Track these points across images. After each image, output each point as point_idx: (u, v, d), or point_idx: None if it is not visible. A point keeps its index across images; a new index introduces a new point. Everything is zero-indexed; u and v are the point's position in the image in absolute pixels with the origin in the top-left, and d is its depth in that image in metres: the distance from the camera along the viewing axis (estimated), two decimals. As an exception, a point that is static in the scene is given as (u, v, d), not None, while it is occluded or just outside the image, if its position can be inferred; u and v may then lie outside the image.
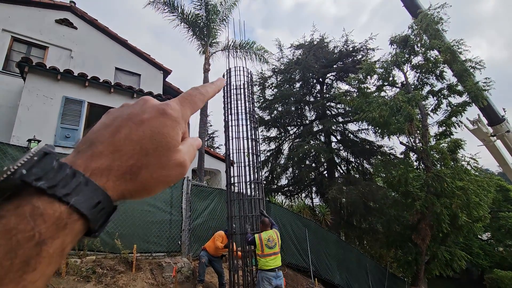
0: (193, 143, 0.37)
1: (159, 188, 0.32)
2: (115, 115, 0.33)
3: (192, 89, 0.39)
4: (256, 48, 12.54)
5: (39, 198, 0.25)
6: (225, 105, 6.05)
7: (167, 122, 0.32)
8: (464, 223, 11.05)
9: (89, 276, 4.68)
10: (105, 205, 0.28)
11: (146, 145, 0.30)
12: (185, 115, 0.35)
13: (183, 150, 0.34)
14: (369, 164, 18.10)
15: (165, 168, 0.31)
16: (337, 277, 10.59)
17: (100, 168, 0.28)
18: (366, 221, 16.28)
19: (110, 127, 0.31)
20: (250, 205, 5.57)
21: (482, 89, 11.30)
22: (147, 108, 0.33)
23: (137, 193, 0.31)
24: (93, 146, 0.30)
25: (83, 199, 0.26)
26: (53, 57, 9.86)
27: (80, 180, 0.27)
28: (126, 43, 11.68)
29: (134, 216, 6.03)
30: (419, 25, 12.67)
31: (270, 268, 4.55)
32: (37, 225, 0.23)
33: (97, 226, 0.28)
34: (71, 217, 0.26)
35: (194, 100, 0.37)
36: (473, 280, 24.29)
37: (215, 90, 0.42)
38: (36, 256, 0.23)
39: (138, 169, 0.30)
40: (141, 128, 0.31)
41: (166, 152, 0.31)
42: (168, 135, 0.32)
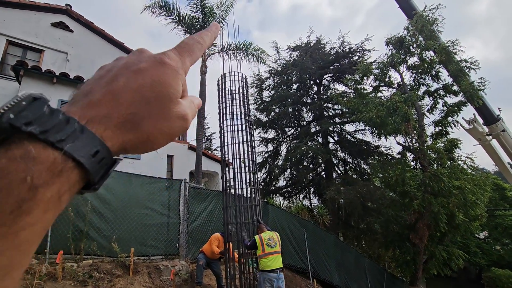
0: (193, 100, 0.35)
1: (163, 140, 0.31)
2: (109, 66, 0.31)
3: (188, 38, 0.37)
4: (253, 49, 12.58)
5: (31, 143, 0.23)
6: (220, 110, 6.04)
7: (167, 71, 0.31)
8: (461, 222, 11.12)
9: (86, 280, 4.65)
10: (104, 155, 0.26)
11: (146, 94, 0.29)
12: (184, 65, 0.33)
13: (185, 104, 0.32)
14: (366, 164, 18.16)
15: (168, 120, 0.30)
16: (335, 278, 10.59)
17: (98, 116, 0.27)
18: (364, 221, 16.31)
19: (106, 77, 0.30)
20: (246, 211, 5.54)
21: (478, 89, 11.41)
22: (143, 58, 0.31)
23: (140, 145, 0.29)
24: (88, 95, 0.28)
25: (79, 146, 0.24)
26: (49, 60, 9.81)
27: (75, 127, 0.25)
28: (122, 46, 11.66)
29: (131, 219, 6.00)
30: (415, 26, 12.78)
31: (271, 269, 4.53)
32: (29, 167, 0.22)
33: (96, 178, 0.26)
34: (67, 164, 0.24)
35: (192, 49, 0.35)
36: (471, 279, 24.39)
37: (212, 38, 0.40)
38: (30, 199, 0.22)
39: (139, 119, 0.28)
40: (140, 76, 0.29)
41: (167, 102, 0.30)
42: (169, 84, 0.30)
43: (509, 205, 22.51)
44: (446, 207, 10.79)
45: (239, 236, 5.33)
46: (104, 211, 5.70)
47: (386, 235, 13.55)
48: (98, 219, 5.61)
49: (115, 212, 5.83)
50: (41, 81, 7.90)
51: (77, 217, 5.26)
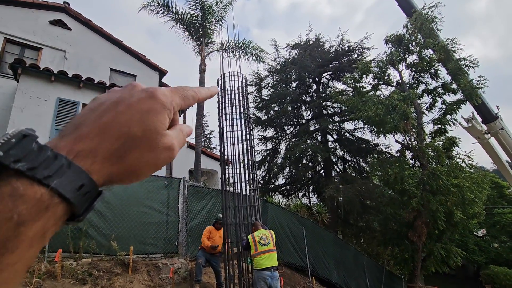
0: (182, 129, 0.36)
1: (148, 171, 0.32)
2: (102, 100, 0.32)
3: (186, 86, 0.39)
4: (252, 48, 12.54)
5: (18, 180, 0.24)
6: (220, 111, 6.01)
7: (156, 106, 0.32)
8: (459, 220, 11.16)
9: (85, 278, 4.65)
10: (89, 188, 0.27)
11: (133, 128, 0.30)
12: (174, 102, 0.34)
13: (172, 134, 0.33)
14: (365, 162, 18.20)
15: (153, 151, 0.31)
16: (334, 276, 10.63)
17: (85, 150, 0.28)
18: (362, 219, 16.37)
19: (97, 111, 0.31)
20: (246, 211, 5.52)
21: (476, 87, 11.42)
22: (135, 92, 0.33)
23: (125, 176, 0.30)
24: (78, 129, 0.29)
25: (66, 182, 0.25)
26: (47, 58, 9.77)
27: (62, 162, 0.26)
28: (121, 44, 11.61)
29: (130, 218, 6.00)
30: (414, 24, 12.77)
31: (265, 267, 4.51)
32: (16, 205, 0.23)
33: (81, 211, 0.27)
34: (53, 200, 0.25)
35: (185, 94, 0.37)
36: (469, 276, 24.53)
37: (207, 94, 0.42)
38: (15, 238, 0.22)
39: (125, 152, 0.29)
40: (129, 111, 0.30)
41: (154, 135, 0.31)
42: (156, 118, 0.31)
43: (507, 203, 22.62)
44: (445, 205, 10.83)
45: (238, 237, 5.31)
46: (103, 210, 5.70)
47: (385, 233, 13.60)
48: (97, 217, 5.61)
49: (114, 210, 5.84)
50: (39, 79, 7.86)
51: (76, 216, 5.25)
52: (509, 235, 21.17)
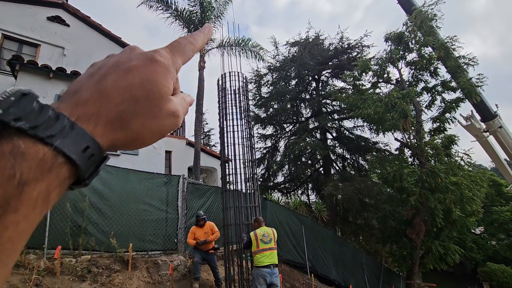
0: (185, 97, 0.36)
1: (152, 138, 0.31)
2: (100, 64, 0.31)
3: (181, 38, 0.37)
4: (251, 45, 12.50)
5: (20, 138, 0.22)
6: (220, 111, 5.98)
7: (158, 69, 0.30)
8: (457, 217, 11.22)
9: (84, 275, 4.66)
10: (94, 151, 0.26)
11: (135, 93, 0.29)
12: (176, 63, 0.33)
13: (176, 101, 0.32)
14: (364, 160, 18.23)
15: (157, 117, 0.30)
16: (333, 273, 10.69)
17: (87, 114, 0.27)
18: (361, 217, 16.43)
19: (96, 75, 0.30)
20: (246, 211, 5.51)
21: (475, 85, 11.42)
22: (134, 55, 0.31)
23: (129, 143, 0.29)
24: (78, 93, 0.28)
25: (70, 142, 0.24)
26: (45, 55, 9.71)
27: (65, 123, 0.25)
28: (119, 41, 11.55)
29: (130, 215, 6.00)
30: (414, 22, 12.73)
31: (265, 265, 4.52)
32: (18, 163, 0.22)
33: (87, 174, 0.26)
34: (57, 160, 0.24)
35: (184, 49, 0.35)
36: (466, 273, 24.68)
37: (204, 39, 0.40)
38: (18, 196, 0.21)
39: (128, 117, 0.28)
40: (129, 75, 0.29)
41: (157, 100, 0.30)
42: (159, 82, 0.30)
43: (505, 201, 22.72)
44: (443, 203, 10.87)
45: (238, 237, 5.29)
46: (102, 207, 5.70)
47: (383, 230, 13.67)
48: (96, 214, 5.61)
49: (113, 207, 5.83)
50: (37, 76, 7.83)
51: (75, 213, 5.26)
52: (507, 233, 21.30)
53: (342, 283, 10.67)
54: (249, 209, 5.49)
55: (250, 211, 5.48)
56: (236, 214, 5.39)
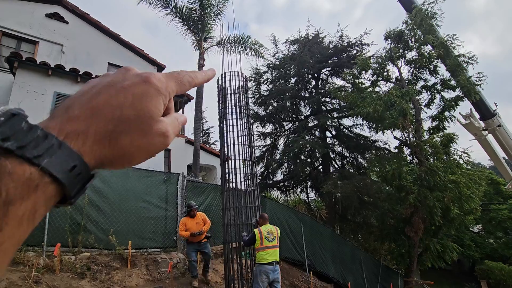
0: (177, 117, 0.36)
1: (141, 157, 0.31)
2: (94, 83, 0.32)
3: (181, 70, 0.38)
4: (251, 43, 12.46)
5: (7, 159, 0.23)
6: (220, 111, 5.95)
7: (150, 90, 0.31)
8: (456, 215, 11.26)
9: (84, 272, 4.67)
10: (81, 170, 0.27)
11: (126, 112, 0.29)
12: (169, 88, 0.34)
13: (167, 121, 0.33)
14: (363, 158, 18.26)
15: (147, 136, 0.30)
16: (331, 270, 10.74)
17: (76, 131, 0.27)
18: (360, 215, 16.47)
19: (88, 94, 0.30)
20: (246, 211, 5.49)
21: (475, 84, 11.43)
22: (129, 76, 0.32)
23: (117, 160, 0.30)
24: (69, 110, 0.29)
25: (57, 161, 0.25)
26: (43, 52, 9.67)
27: (53, 142, 0.25)
28: (118, 38, 11.51)
29: (129, 213, 6.01)
30: (414, 20, 12.71)
31: (268, 262, 4.57)
32: (4, 183, 0.22)
33: (73, 193, 0.27)
34: (43, 180, 0.24)
35: (181, 79, 0.36)
36: (464, 271, 24.84)
37: (204, 79, 0.41)
38: (3, 216, 0.22)
39: (117, 135, 0.29)
40: (122, 94, 0.30)
41: (148, 120, 0.30)
42: (150, 103, 0.31)
43: (503, 199, 22.82)
44: (442, 201, 10.91)
45: (238, 237, 5.26)
46: (102, 204, 5.71)
47: (382, 228, 13.71)
48: (96, 212, 5.62)
49: (113, 205, 5.84)
50: (36, 73, 7.80)
51: (74, 210, 5.27)
52: (505, 231, 21.42)
53: (340, 281, 10.72)
54: (248, 209, 5.48)
55: (250, 211, 5.47)
56: (236, 213, 5.37)
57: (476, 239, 22.90)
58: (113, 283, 4.81)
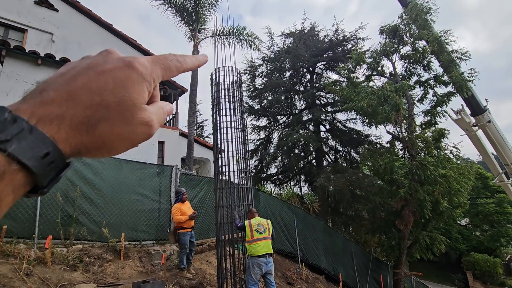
0: (163, 106, 0.34)
1: (122, 147, 0.29)
2: (73, 65, 0.30)
3: (169, 54, 0.35)
4: (246, 35, 12.31)
5: None
6: (213, 106, 5.87)
7: (133, 76, 0.29)
8: (445, 209, 11.54)
9: (76, 265, 4.65)
10: (55, 157, 0.25)
11: (107, 97, 0.27)
12: (154, 74, 0.32)
13: (151, 110, 0.31)
14: (356, 153, 18.45)
15: (128, 125, 0.28)
16: (323, 262, 10.93)
17: (50, 116, 0.25)
18: (352, 208, 16.73)
19: (66, 75, 0.28)
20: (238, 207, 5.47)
21: (467, 79, 11.57)
22: (111, 59, 0.30)
23: (96, 149, 0.28)
24: (43, 92, 0.26)
25: (26, 148, 0.23)
26: (33, 41, 9.40)
27: (23, 126, 0.23)
28: (110, 28, 11.24)
29: (122, 205, 5.98)
30: (409, 15, 12.73)
31: (260, 254, 4.59)
32: None
33: (45, 182, 0.25)
34: (10, 167, 0.22)
35: (168, 64, 0.34)
36: (451, 263, 25.59)
37: (195, 64, 0.38)
38: None
39: (96, 122, 0.27)
40: (102, 77, 0.28)
41: (130, 107, 0.28)
42: (132, 89, 0.29)
43: (490, 193, 23.44)
44: (431, 195, 11.15)
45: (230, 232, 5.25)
46: (94, 197, 5.66)
47: (373, 221, 13.97)
48: (88, 204, 5.57)
49: (105, 197, 5.79)
50: (24, 62, 7.59)
51: (65, 202, 5.21)
52: (491, 224, 22.06)
53: (332, 272, 10.93)
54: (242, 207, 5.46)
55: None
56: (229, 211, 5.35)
57: (463, 232, 23.57)
58: (106, 275, 4.81)
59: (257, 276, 4.58)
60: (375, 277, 13.42)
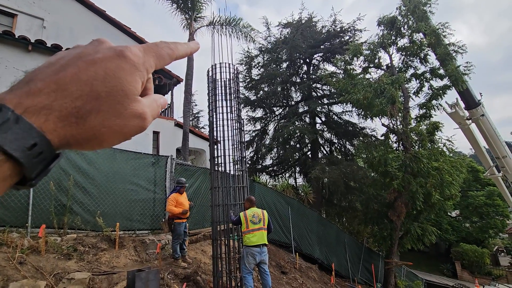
0: (157, 99, 0.33)
1: (113, 139, 0.28)
2: (63, 54, 0.29)
3: (160, 41, 0.34)
4: (242, 26, 12.11)
5: None
6: (210, 104, 5.78)
7: (125, 66, 0.28)
8: (436, 201, 11.76)
9: (70, 254, 4.65)
10: (42, 148, 0.24)
11: (97, 88, 0.26)
12: (147, 63, 0.31)
13: (144, 102, 0.30)
14: (351, 145, 18.58)
15: (120, 117, 0.27)
16: (317, 252, 11.13)
17: (37, 106, 0.24)
18: (346, 199, 16.96)
19: (55, 65, 0.27)
20: (234, 192, 5.48)
21: (463, 73, 11.61)
22: (102, 48, 0.29)
23: (86, 141, 0.27)
24: (30, 83, 0.25)
25: (13, 138, 0.22)
26: (22, 26, 9.11)
27: (8, 116, 0.22)
28: (104, 14, 10.94)
29: (116, 195, 5.96)
30: (407, 6, 12.63)
31: (254, 244, 4.64)
32: None
33: (33, 174, 0.24)
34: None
35: (160, 52, 0.33)
36: (440, 253, 26.28)
37: (187, 51, 0.38)
38: None
39: (86, 113, 0.26)
40: (92, 67, 0.27)
41: (122, 98, 0.27)
42: (124, 79, 0.28)
43: (481, 186, 23.91)
44: (424, 187, 11.33)
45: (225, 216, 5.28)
46: (88, 186, 5.62)
47: (366, 212, 14.19)
48: (82, 193, 5.54)
49: (99, 187, 5.76)
50: (15, 48, 7.38)
51: (59, 191, 5.17)
52: (480, 216, 22.61)
53: (325, 262, 11.15)
54: (237, 189, 5.51)
55: (238, 192, 5.50)
56: (224, 194, 5.38)
57: (453, 223, 24.13)
58: (101, 264, 4.83)
59: (251, 265, 4.64)
60: (367, 267, 13.73)
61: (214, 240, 5.21)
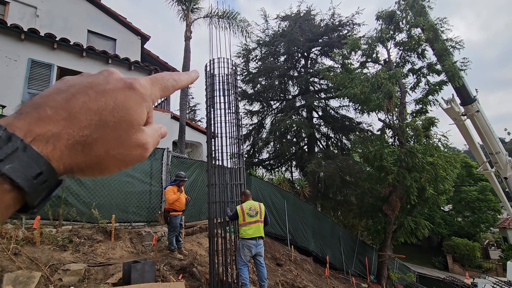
0: (158, 130, 0.34)
1: (114, 167, 0.29)
2: (72, 82, 0.29)
3: (165, 73, 0.36)
4: (239, 20, 11.95)
5: None
6: (207, 100, 5.72)
7: (134, 97, 0.29)
8: (430, 195, 11.92)
9: (66, 245, 4.65)
10: (47, 177, 0.24)
11: (106, 117, 0.27)
12: (153, 95, 0.32)
13: (147, 132, 0.31)
14: (347, 140, 18.65)
15: (124, 146, 0.28)
16: (312, 245, 11.26)
17: (46, 135, 0.24)
18: (341, 193, 17.11)
19: (65, 93, 0.27)
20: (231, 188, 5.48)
21: (459, 69, 11.65)
22: (112, 79, 0.30)
23: (89, 169, 0.27)
24: (40, 109, 0.25)
25: (19, 167, 0.22)
26: (15, 15, 8.89)
27: (17, 145, 0.22)
28: (99, 3, 10.70)
29: (112, 187, 5.94)
30: (406, 1, 12.57)
31: (250, 237, 4.68)
32: None
33: (36, 202, 0.24)
34: (2, 187, 0.22)
35: (165, 84, 0.34)
36: (433, 246, 26.78)
37: (188, 81, 0.40)
38: None
39: (93, 141, 0.26)
40: (102, 98, 0.27)
41: (128, 128, 0.28)
42: (132, 110, 0.28)
43: (474, 181, 24.27)
44: (418, 182, 11.46)
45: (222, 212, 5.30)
46: (83, 178, 5.57)
47: (361, 206, 14.36)
48: (77, 185, 5.51)
49: (94, 179, 5.71)
50: (7, 36, 7.21)
51: (54, 183, 5.12)
52: (472, 211, 23.01)
53: (319, 254, 11.29)
54: (234, 186, 5.49)
55: (235, 189, 5.50)
56: (221, 190, 5.37)
57: (446, 217, 24.55)
58: (96, 255, 4.83)
59: (247, 257, 4.68)
60: (361, 259, 13.95)
61: (211, 237, 5.22)
